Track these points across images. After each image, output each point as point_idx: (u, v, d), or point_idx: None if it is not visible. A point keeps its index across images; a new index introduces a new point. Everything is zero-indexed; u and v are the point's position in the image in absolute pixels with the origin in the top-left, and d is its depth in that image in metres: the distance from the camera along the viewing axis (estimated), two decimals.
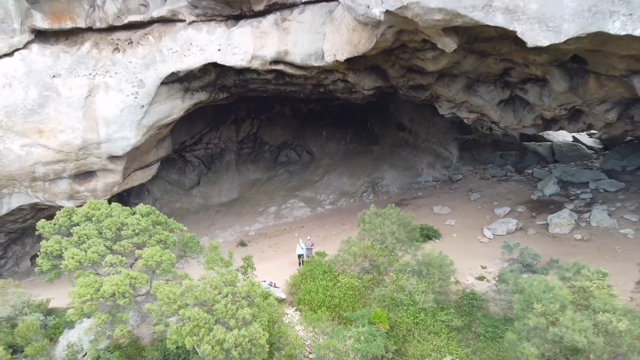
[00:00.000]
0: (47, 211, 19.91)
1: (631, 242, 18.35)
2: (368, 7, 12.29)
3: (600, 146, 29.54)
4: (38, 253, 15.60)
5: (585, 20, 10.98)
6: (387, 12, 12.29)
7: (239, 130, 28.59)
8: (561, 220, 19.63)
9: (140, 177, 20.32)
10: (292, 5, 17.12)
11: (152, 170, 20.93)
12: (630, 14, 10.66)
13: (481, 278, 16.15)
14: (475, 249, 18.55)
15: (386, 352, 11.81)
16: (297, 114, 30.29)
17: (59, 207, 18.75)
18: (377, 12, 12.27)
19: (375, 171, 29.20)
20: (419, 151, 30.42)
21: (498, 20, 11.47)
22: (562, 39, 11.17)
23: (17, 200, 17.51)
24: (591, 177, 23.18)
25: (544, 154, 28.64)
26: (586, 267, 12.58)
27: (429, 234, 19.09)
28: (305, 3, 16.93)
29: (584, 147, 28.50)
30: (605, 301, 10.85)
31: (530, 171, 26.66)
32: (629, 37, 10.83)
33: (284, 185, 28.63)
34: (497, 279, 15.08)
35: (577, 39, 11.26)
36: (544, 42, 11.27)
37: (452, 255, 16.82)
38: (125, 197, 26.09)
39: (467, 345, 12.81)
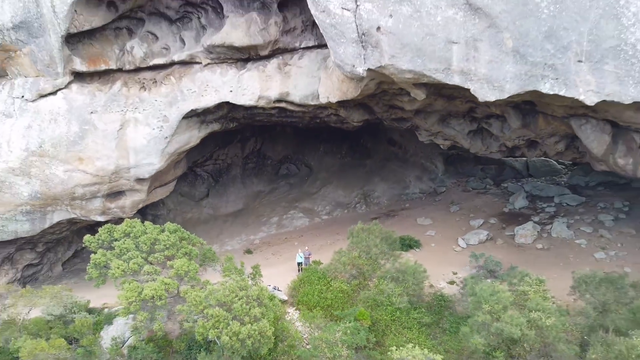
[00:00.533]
0: (79, 224, 22.93)
1: (584, 251, 21.39)
2: (353, 66, 15.31)
3: (570, 162, 32.57)
4: (68, 259, 18.59)
5: (523, 81, 14.00)
6: (369, 69, 15.31)
7: (244, 148, 31.58)
8: (525, 232, 22.67)
9: (160, 194, 23.32)
10: (293, 50, 20.17)
11: (170, 187, 23.93)
12: (557, 78, 13.68)
13: (452, 282, 19.15)
14: (449, 257, 21.56)
15: (368, 343, 14.80)
16: (297, 132, 33.27)
17: (92, 221, 21.85)
18: (360, 70, 15.29)
19: (368, 184, 32.21)
20: (408, 165, 33.41)
21: (455, 80, 14.49)
22: (505, 95, 14.20)
23: (58, 216, 20.50)
24: (556, 192, 26.23)
25: (520, 169, 31.68)
26: (529, 275, 15.62)
27: (410, 244, 22.08)
28: (303, 49, 20.00)
29: (555, 162, 31.51)
30: (537, 302, 13.86)
31: (506, 185, 29.70)
32: (557, 95, 13.87)
33: (284, 197, 31.64)
34: (463, 283, 18.10)
35: (517, 94, 14.30)
36: (491, 98, 14.30)
37: (429, 262, 19.94)
38: (142, 208, 29.00)
39: (434, 338, 15.84)
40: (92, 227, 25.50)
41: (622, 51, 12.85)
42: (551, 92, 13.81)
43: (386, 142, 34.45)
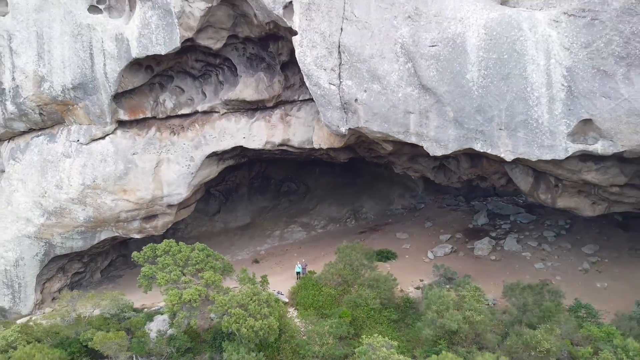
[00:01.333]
0: (118, 239, 27.97)
1: (527, 262, 26.46)
2: (338, 126, 20.40)
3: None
4: (105, 267, 23.66)
5: (461, 142, 19.07)
6: (350, 129, 20.41)
7: (251, 170, 36.54)
8: (482, 246, 27.74)
9: (183, 214, 28.35)
10: (292, 102, 25.27)
11: (192, 208, 28.96)
12: (485, 140, 18.77)
13: (418, 288, 24.20)
14: (419, 267, 26.59)
15: (348, 334, 19.84)
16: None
17: (130, 238, 26.93)
18: (343, 129, 20.39)
19: (357, 201, 37.29)
20: (392, 184, 38.45)
21: (412, 140, 19.59)
22: (449, 152, 19.29)
23: (105, 234, 25.55)
24: (513, 211, 31.28)
25: (488, 187, 36.72)
26: (469, 283, 20.71)
27: (387, 256, 27.15)
28: (301, 101, 25.08)
29: None
30: (471, 304, 18.90)
31: (474, 203, 34.75)
32: (486, 152, 18.94)
33: (285, 212, 36.69)
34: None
35: (458, 150, 19.38)
36: (439, 153, 19.40)
37: (402, 271, 25.10)
38: None
39: (400, 331, 20.86)
40: (126, 242, 30.69)
41: (529, 123, 17.96)
42: (482, 150, 18.91)
43: (374, 164, 39.46)
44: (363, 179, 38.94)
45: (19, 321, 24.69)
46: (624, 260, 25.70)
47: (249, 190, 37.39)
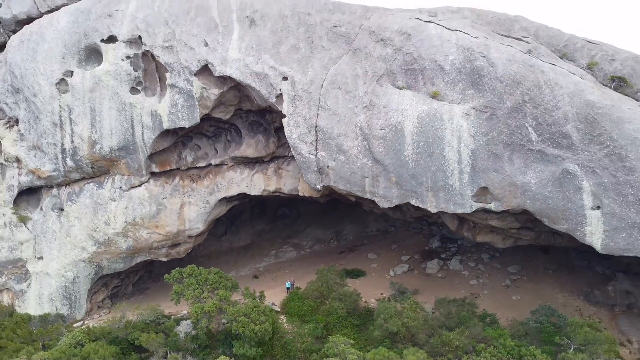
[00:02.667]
0: (147, 261, 35.66)
1: (465, 279, 34.21)
2: (315, 184, 28.20)
3: None
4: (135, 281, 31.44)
5: (401, 198, 26.74)
6: (323, 186, 28.19)
7: (252, 199, 44.27)
8: (432, 265, 35.50)
9: (199, 240, 36.02)
10: (284, 157, 33.00)
11: (205, 235, 36.61)
12: (418, 198, 26.49)
13: (378, 299, 31.92)
14: (381, 283, 34.27)
15: (322, 335, 27.58)
16: None
17: (157, 259, 34.68)
18: (319, 187, 28.18)
19: (339, 224, 45.03)
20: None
21: (367, 196, 27.35)
22: (393, 205, 26.99)
23: (140, 258, 33.30)
24: (459, 236, 39.00)
25: None
26: (410, 298, 28.45)
27: (357, 274, 34.89)
28: (290, 156, 32.76)
29: None
30: (408, 312, 26.60)
31: (433, 227, 42.49)
32: (419, 206, 26.68)
33: (280, 234, 44.45)
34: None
35: (400, 204, 27.10)
36: (386, 206, 27.13)
37: (367, 286, 32.88)
38: None
39: (360, 333, 28.57)
40: (152, 261, 38.40)
41: (446, 188, 25.71)
42: (415, 205, 26.66)
43: None
44: (345, 205, 46.60)
45: (75, 325, 32.51)
46: (539, 277, 33.53)
47: (250, 215, 45.15)
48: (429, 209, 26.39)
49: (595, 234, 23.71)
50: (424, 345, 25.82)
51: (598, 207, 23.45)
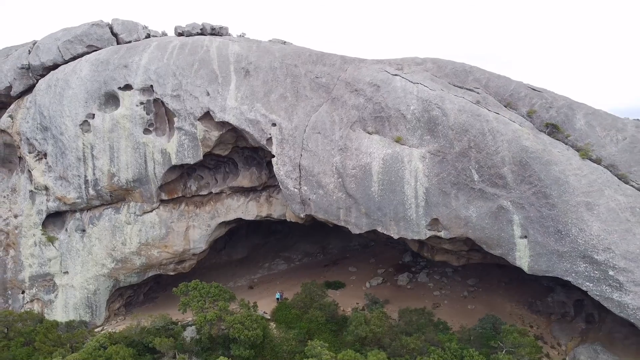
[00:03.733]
0: (158, 274, 41.21)
1: (430, 290, 39.78)
2: (299, 213, 33.79)
3: None
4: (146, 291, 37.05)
5: (370, 225, 32.34)
6: (306, 214, 33.76)
7: None
8: (403, 278, 41.07)
9: (201, 256, 41.60)
10: (274, 186, 38.56)
11: (206, 252, 42.23)
12: (383, 226, 32.09)
13: (354, 309, 37.50)
14: (358, 294, 39.82)
15: (304, 338, 33.14)
16: None
17: (166, 274, 40.27)
18: (302, 215, 33.78)
19: (326, 239, 50.60)
20: None
21: (342, 223, 32.88)
22: (364, 231, 32.58)
23: (151, 273, 38.88)
24: None
25: None
26: (378, 308, 34.04)
27: (337, 286, 40.46)
28: (277, 186, 38.32)
29: None
30: (374, 321, 32.14)
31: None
32: (383, 232, 32.28)
33: (273, 248, 50.01)
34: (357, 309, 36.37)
35: (368, 231, 32.71)
36: (357, 232, 32.69)
37: (346, 296, 38.46)
38: None
39: (336, 337, 34.14)
40: (161, 275, 43.91)
41: (406, 218, 31.27)
42: (381, 231, 32.21)
43: None
44: None
45: (95, 330, 38.07)
46: (493, 289, 39.11)
47: (247, 230, 50.72)
48: (392, 235, 31.97)
49: (523, 258, 29.30)
50: (387, 347, 31.36)
51: (525, 237, 29.01)
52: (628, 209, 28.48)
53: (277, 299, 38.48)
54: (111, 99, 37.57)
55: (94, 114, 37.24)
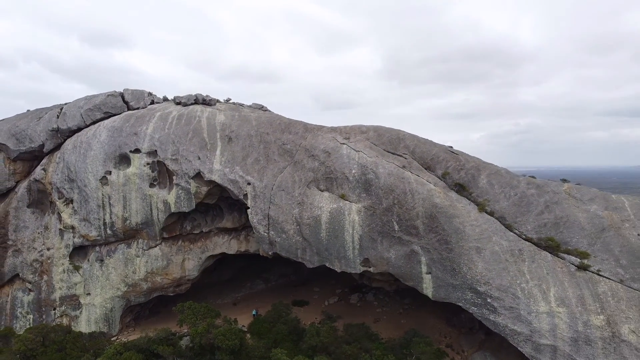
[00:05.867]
0: (160, 294, 51.90)
1: (374, 307, 50.48)
2: (268, 252, 44.54)
3: None
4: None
5: (321, 262, 43.13)
6: (274, 252, 44.54)
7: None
8: (354, 297, 51.79)
9: (194, 280, 52.31)
10: (250, 227, 49.31)
11: (199, 277, 52.90)
12: (330, 262, 42.94)
13: (312, 323, 48.17)
14: (318, 310, 50.40)
15: (272, 346, 43.83)
16: None
17: (167, 293, 51.15)
18: (270, 253, 44.53)
19: (298, 262, 61.16)
20: None
21: (299, 260, 43.64)
22: (310, 267, 43.35)
23: (155, 294, 49.58)
24: None
25: None
26: (330, 323, 44.82)
27: (302, 303, 51.18)
28: (250, 226, 49.10)
29: None
30: (324, 333, 42.85)
31: None
32: (330, 267, 43.10)
33: (254, 270, 60.69)
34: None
35: (320, 265, 43.51)
36: (310, 266, 43.45)
37: (308, 312, 49.26)
38: None
39: (296, 345, 44.82)
40: (163, 295, 54.58)
41: (345, 258, 42.06)
42: (328, 266, 42.93)
43: None
44: None
45: (112, 339, 48.76)
46: (422, 307, 49.81)
47: (234, 254, 61.37)
48: (336, 269, 42.72)
49: (428, 288, 40.02)
50: (332, 354, 42.05)
51: (429, 273, 39.73)
52: (508, 252, 39.13)
53: (254, 315, 49.22)
54: (124, 159, 48.30)
55: (110, 171, 47.95)
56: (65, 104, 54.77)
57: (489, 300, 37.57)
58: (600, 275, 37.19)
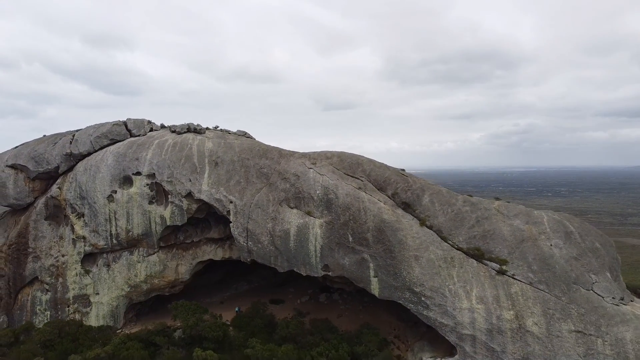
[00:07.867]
0: (158, 294, 61.00)
1: (338, 305, 59.56)
2: (246, 259, 53.74)
3: None
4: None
5: (290, 266, 52.30)
6: (251, 259, 53.71)
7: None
8: (322, 297, 60.90)
9: (187, 282, 61.38)
10: (232, 237, 58.52)
11: (190, 279, 61.98)
12: (297, 267, 52.15)
13: (284, 318, 57.21)
14: (291, 307, 59.41)
15: (251, 337, 53.00)
16: None
17: (163, 294, 60.45)
18: (249, 259, 53.70)
19: None
20: None
21: (272, 265, 52.82)
22: (285, 270, 52.55)
23: (153, 294, 58.64)
24: None
25: None
26: (297, 319, 53.98)
27: (278, 302, 60.34)
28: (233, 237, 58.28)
29: None
30: (291, 326, 51.97)
31: None
32: (298, 271, 52.33)
33: (240, 272, 69.82)
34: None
35: (290, 270, 52.73)
36: (281, 271, 52.63)
37: (283, 310, 58.48)
38: None
39: (269, 336, 53.97)
40: (160, 294, 63.77)
41: (310, 263, 51.20)
42: (297, 271, 52.06)
43: None
44: None
45: (117, 331, 57.87)
46: (379, 305, 58.83)
47: (220, 260, 70.54)
48: (302, 273, 51.82)
49: (375, 289, 49.13)
50: (298, 343, 51.09)
51: (376, 276, 48.86)
52: (442, 259, 48.22)
53: (236, 311, 58.35)
54: (127, 180, 57.44)
55: (116, 190, 57.07)
56: (77, 130, 63.91)
57: (422, 298, 46.57)
58: (514, 279, 46.25)
